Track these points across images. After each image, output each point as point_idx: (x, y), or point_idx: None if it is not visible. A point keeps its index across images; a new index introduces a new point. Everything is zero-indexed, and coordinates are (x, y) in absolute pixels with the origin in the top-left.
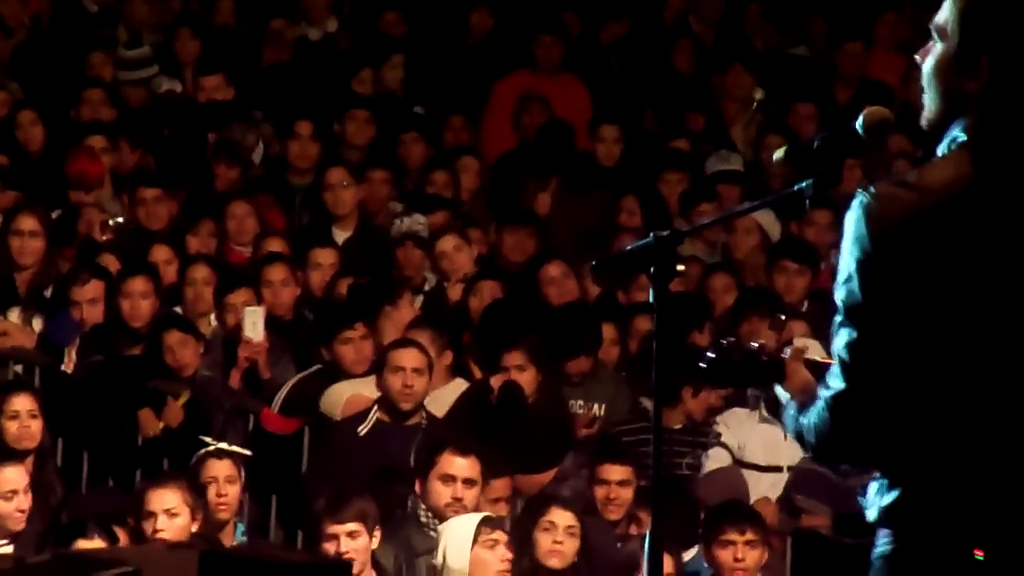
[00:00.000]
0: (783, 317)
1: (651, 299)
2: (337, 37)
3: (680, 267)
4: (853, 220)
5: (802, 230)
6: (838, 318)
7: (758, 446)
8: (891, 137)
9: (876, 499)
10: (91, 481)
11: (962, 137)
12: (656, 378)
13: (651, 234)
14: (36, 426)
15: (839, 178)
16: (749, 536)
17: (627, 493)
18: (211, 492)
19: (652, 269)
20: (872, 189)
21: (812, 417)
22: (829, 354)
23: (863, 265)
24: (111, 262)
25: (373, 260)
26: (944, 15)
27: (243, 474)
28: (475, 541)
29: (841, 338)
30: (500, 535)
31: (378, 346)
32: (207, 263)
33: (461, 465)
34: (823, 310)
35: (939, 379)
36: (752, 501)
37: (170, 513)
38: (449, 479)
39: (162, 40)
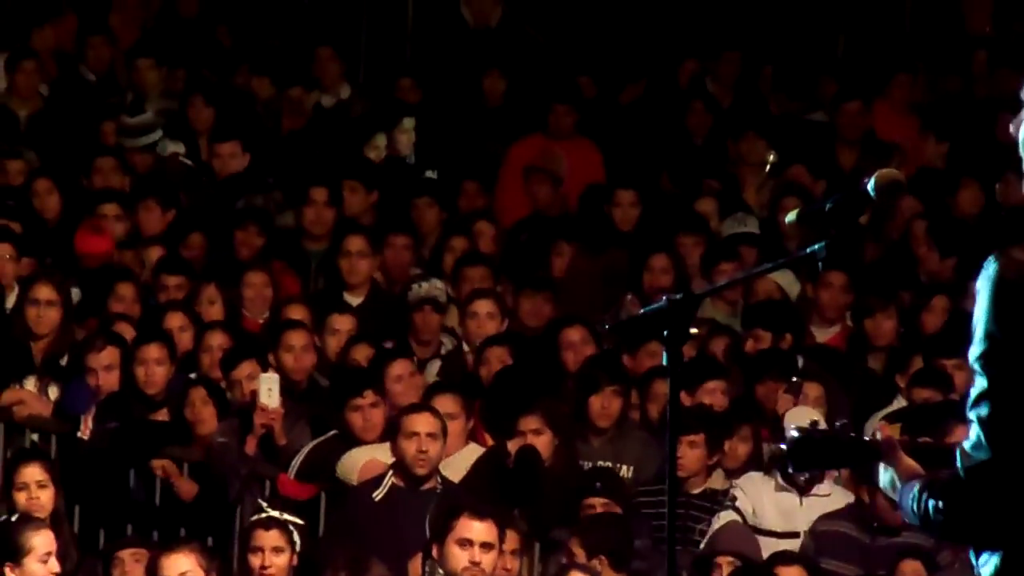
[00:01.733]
0: (797, 379)
1: (664, 362)
2: (351, 103)
3: (694, 330)
4: (988, 288)
5: (817, 292)
6: (980, 386)
7: (774, 513)
8: (902, 198)
9: (994, 558)
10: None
11: None
12: (670, 439)
13: (664, 298)
14: (46, 496)
15: (852, 239)
16: None
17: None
18: (254, 561)
19: (665, 333)
20: (1006, 255)
21: (945, 491)
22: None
23: (1005, 335)
24: (126, 329)
25: (390, 325)
26: None
27: (295, 544)
28: None
29: (984, 409)
30: None
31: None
32: (223, 330)
33: (479, 529)
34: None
35: None
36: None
37: None
38: (467, 543)
39: (175, 107)
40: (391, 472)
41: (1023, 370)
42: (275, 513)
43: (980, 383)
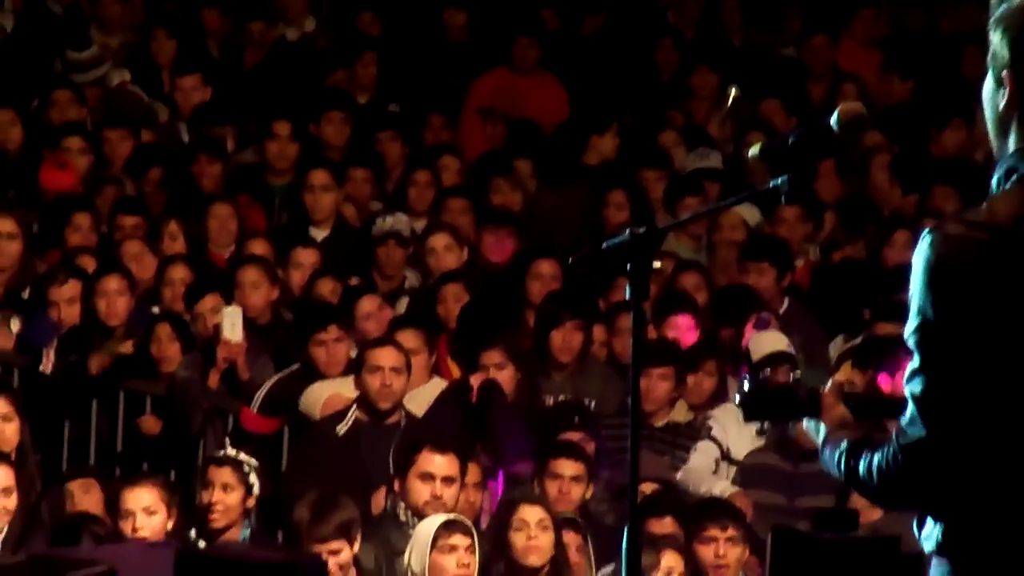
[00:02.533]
0: (766, 314)
1: (627, 296)
2: (315, 37)
3: (656, 264)
4: (923, 263)
5: (774, 227)
6: (914, 363)
7: (748, 443)
8: (866, 133)
9: (935, 530)
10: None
11: (1022, 169)
12: (633, 374)
13: (627, 231)
14: (11, 429)
15: (814, 174)
16: (731, 533)
17: (578, 489)
18: (204, 497)
19: (628, 266)
20: (940, 230)
21: (878, 461)
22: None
23: (938, 312)
24: (88, 263)
25: (354, 259)
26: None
27: (249, 483)
28: (433, 546)
29: (917, 384)
30: (459, 539)
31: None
32: (186, 263)
33: (440, 463)
34: (799, 307)
35: (1016, 419)
36: (728, 495)
37: (148, 511)
38: (428, 477)
39: (137, 39)
40: (355, 406)
41: (955, 348)
42: (230, 451)
43: (914, 359)
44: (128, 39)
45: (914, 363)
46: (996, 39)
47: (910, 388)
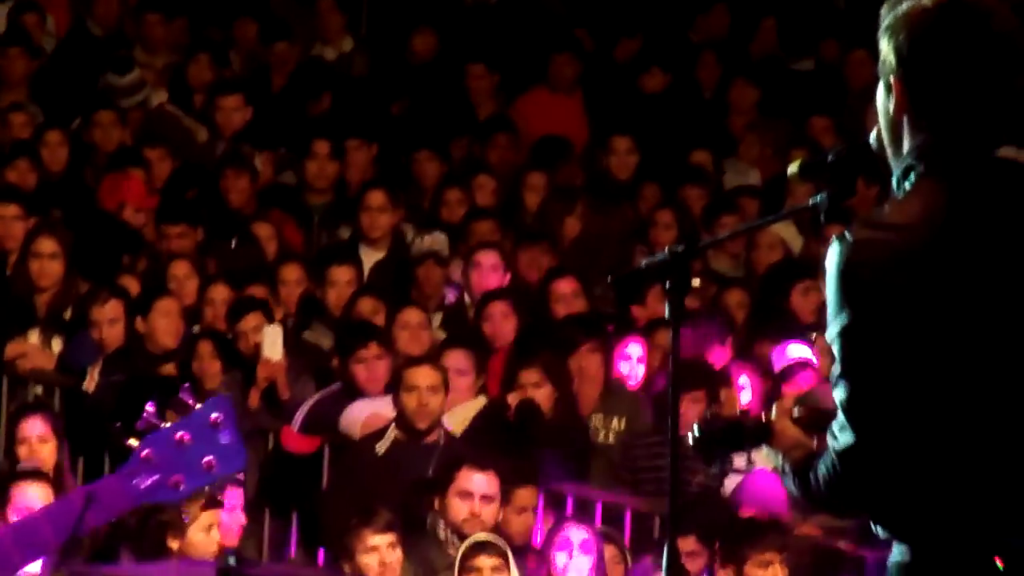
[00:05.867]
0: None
1: (667, 314)
2: (352, 58)
3: (695, 282)
4: (835, 269)
5: (819, 246)
6: (836, 369)
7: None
8: None
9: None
10: None
11: (919, 168)
12: (672, 391)
13: (666, 249)
14: (47, 450)
15: (854, 191)
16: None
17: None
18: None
19: (667, 284)
20: (848, 235)
21: (822, 471)
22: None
23: (854, 315)
24: (131, 283)
25: (398, 280)
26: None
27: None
28: (461, 566)
29: (842, 390)
30: (483, 560)
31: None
32: (227, 283)
33: (479, 481)
34: None
35: (944, 420)
36: None
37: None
38: (467, 495)
39: (178, 61)
40: (393, 425)
41: (874, 350)
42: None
43: (836, 364)
44: (171, 60)
45: (836, 369)
46: (884, 46)
47: (836, 394)
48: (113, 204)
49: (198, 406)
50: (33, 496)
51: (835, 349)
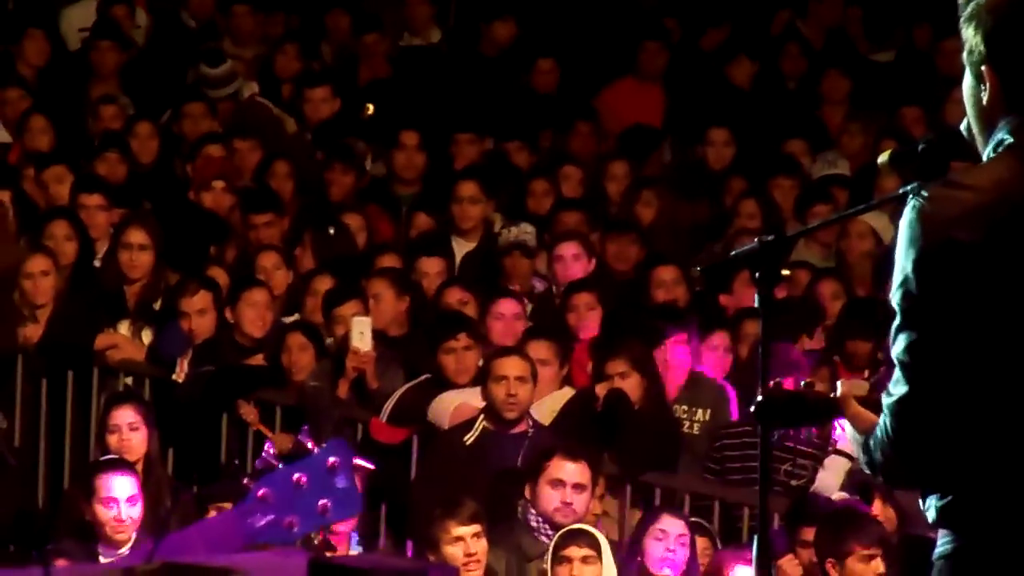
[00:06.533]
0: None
1: (756, 304)
2: (440, 47)
3: (785, 272)
4: (906, 223)
5: None
6: (896, 322)
7: None
8: None
9: (932, 499)
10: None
11: (1009, 140)
12: (762, 382)
13: (756, 239)
14: (137, 438)
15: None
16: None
17: None
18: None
19: (757, 274)
20: (924, 192)
21: (879, 435)
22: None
23: (919, 267)
24: (219, 274)
25: (485, 271)
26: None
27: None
28: (554, 555)
29: (901, 342)
30: (574, 550)
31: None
32: (329, 274)
33: (571, 470)
34: None
35: (999, 378)
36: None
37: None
38: (559, 484)
39: (265, 52)
40: (482, 416)
41: (934, 303)
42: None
43: (897, 318)
44: (260, 52)
45: (896, 322)
46: (970, 35)
47: (893, 347)
48: (201, 179)
49: (316, 449)
50: (118, 486)
51: (895, 302)
